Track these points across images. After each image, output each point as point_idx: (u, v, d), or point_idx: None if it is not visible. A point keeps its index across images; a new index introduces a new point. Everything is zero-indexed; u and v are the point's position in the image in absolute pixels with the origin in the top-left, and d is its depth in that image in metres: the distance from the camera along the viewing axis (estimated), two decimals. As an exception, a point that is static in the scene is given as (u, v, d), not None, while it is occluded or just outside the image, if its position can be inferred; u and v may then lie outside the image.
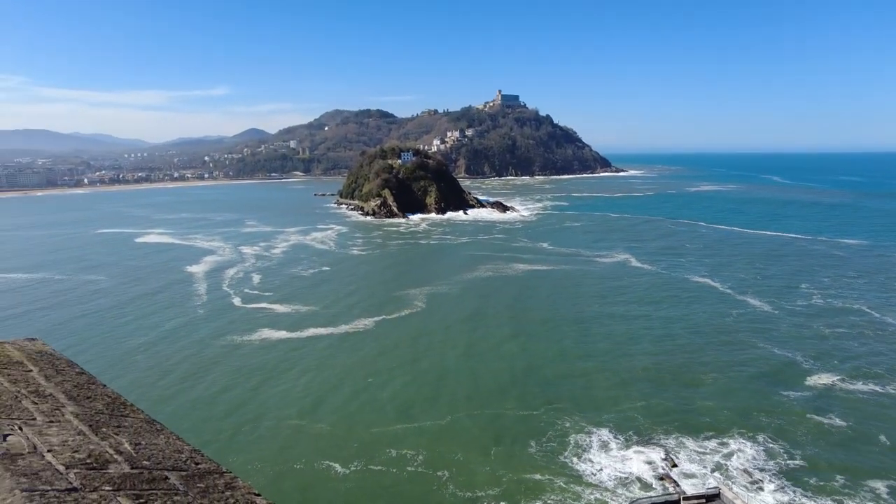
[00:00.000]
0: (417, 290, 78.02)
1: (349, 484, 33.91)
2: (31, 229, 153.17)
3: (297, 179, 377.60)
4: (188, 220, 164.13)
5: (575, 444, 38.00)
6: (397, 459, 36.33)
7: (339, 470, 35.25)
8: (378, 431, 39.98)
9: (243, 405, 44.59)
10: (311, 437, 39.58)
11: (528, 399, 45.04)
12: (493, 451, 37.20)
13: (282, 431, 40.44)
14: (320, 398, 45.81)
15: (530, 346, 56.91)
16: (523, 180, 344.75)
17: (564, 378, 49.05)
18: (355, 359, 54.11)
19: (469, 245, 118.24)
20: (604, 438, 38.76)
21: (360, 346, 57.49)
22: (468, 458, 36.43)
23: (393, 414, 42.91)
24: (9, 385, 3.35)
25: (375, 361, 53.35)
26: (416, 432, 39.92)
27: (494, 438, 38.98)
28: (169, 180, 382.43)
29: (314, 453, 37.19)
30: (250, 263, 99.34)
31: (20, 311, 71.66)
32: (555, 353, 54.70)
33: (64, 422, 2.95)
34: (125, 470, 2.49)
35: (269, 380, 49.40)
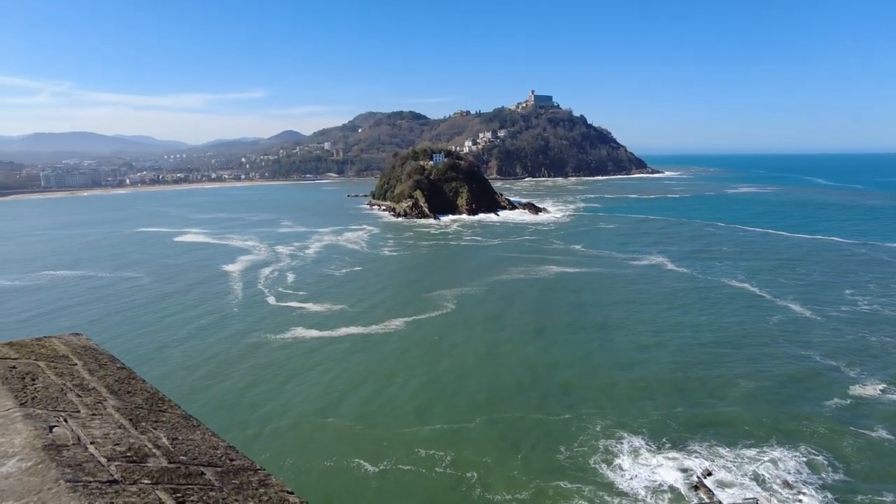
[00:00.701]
0: (447, 291, 78.09)
1: (379, 482, 34.14)
2: (74, 228, 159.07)
3: (331, 181, 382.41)
4: (225, 220, 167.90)
5: (604, 450, 37.34)
6: (426, 460, 36.39)
7: (368, 468, 35.51)
8: (407, 431, 40.11)
9: (274, 401, 45.32)
10: (341, 434, 39.96)
11: (558, 403, 44.49)
12: (521, 455, 36.89)
13: (312, 428, 40.95)
14: (350, 397, 46.20)
15: (561, 349, 56.27)
16: (556, 181, 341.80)
17: (595, 382, 48.30)
18: (385, 358, 54.44)
19: (500, 247, 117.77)
20: (634, 444, 37.96)
21: (390, 346, 57.81)
22: (496, 461, 36.22)
23: (422, 414, 42.98)
24: (55, 378, 3.43)
25: (405, 362, 53.58)
26: (444, 433, 39.90)
27: (523, 442, 38.63)
28: (206, 181, 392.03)
29: (344, 451, 37.54)
30: (285, 263, 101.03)
31: (62, 305, 74.49)
32: (586, 357, 53.94)
33: (106, 415, 3.02)
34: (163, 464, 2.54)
35: (300, 377, 50.07)
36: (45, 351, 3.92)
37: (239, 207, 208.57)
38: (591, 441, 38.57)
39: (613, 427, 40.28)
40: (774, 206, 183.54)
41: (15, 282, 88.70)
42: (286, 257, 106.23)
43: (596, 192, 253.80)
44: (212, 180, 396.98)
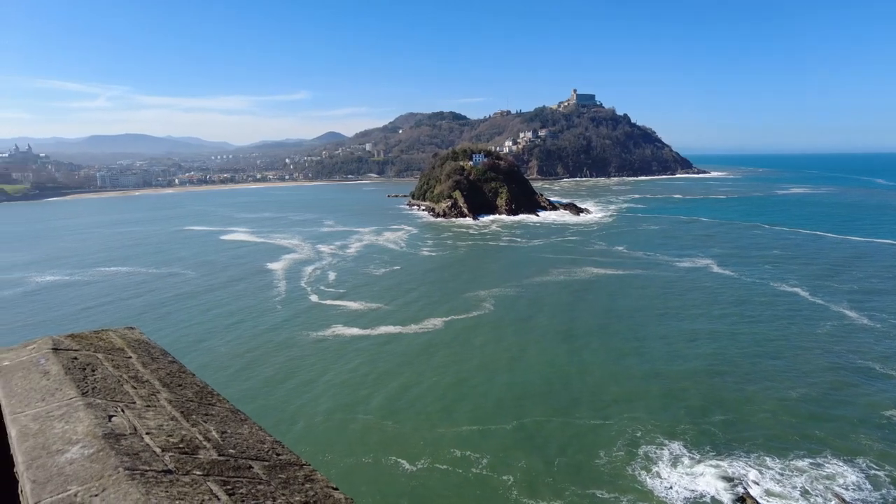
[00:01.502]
0: (486, 292, 77.90)
1: (416, 480, 34.35)
2: (125, 226, 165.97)
3: (371, 181, 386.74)
4: (269, 220, 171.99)
5: (644, 457, 36.47)
6: (462, 460, 36.39)
7: (406, 466, 35.77)
8: (444, 431, 40.19)
9: (314, 398, 46.14)
10: (379, 432, 40.37)
11: (597, 407, 43.74)
12: (558, 460, 36.41)
13: (351, 425, 41.51)
14: (388, 395, 46.61)
15: (599, 352, 55.32)
16: (598, 181, 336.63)
17: (636, 387, 47.26)
18: (423, 358, 54.72)
19: (540, 247, 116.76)
20: (676, 452, 36.92)
21: (429, 346, 58.06)
22: (533, 465, 35.87)
23: (459, 415, 42.97)
24: (113, 370, 3.58)
25: (442, 361, 53.72)
26: (481, 435, 39.78)
27: (561, 446, 38.13)
28: (252, 181, 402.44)
29: (382, 448, 37.93)
30: (326, 261, 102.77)
31: (112, 299, 78.13)
32: (625, 361, 52.87)
33: (159, 407, 3.14)
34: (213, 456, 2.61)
35: (340, 374, 50.82)
36: (103, 343, 4.07)
37: (283, 207, 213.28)
38: (630, 447, 37.77)
39: (654, 433, 39.37)
40: (827, 208, 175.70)
41: (70, 277, 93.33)
42: (328, 256, 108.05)
43: (639, 193, 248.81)
44: (257, 181, 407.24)
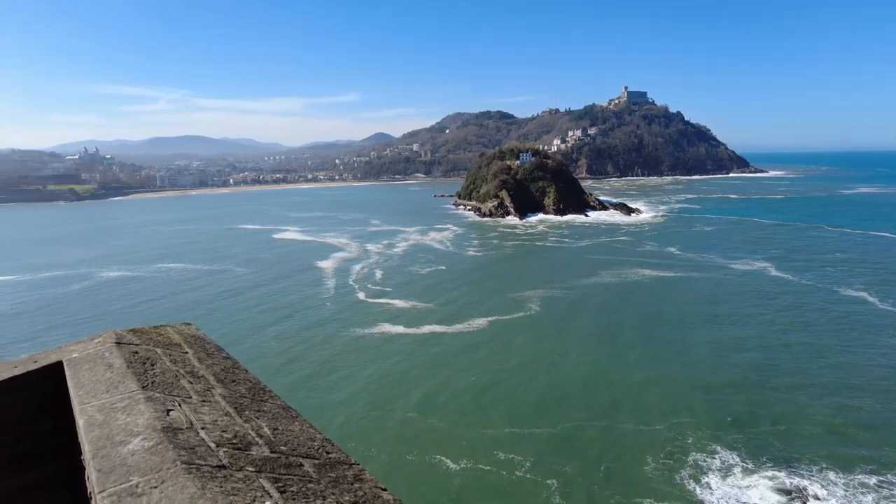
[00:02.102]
0: (532, 293, 77.18)
1: (460, 480, 34.35)
2: (182, 224, 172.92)
3: (418, 181, 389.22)
4: (319, 219, 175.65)
5: (693, 465, 35.22)
6: (505, 463, 36.14)
7: (450, 465, 35.83)
8: (488, 433, 40.00)
9: (359, 394, 46.79)
10: (423, 430, 40.58)
11: (645, 412, 42.63)
12: (604, 466, 35.63)
13: (396, 423, 41.90)
14: (432, 394, 46.83)
15: (654, 356, 53.88)
16: (650, 181, 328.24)
17: (688, 392, 45.82)
18: (467, 358, 54.69)
19: (589, 248, 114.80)
20: (728, 461, 35.48)
21: (473, 346, 57.98)
22: (578, 470, 35.23)
23: (503, 416, 42.71)
24: (171, 365, 3.69)
25: (487, 362, 53.53)
26: (525, 437, 39.41)
27: (607, 452, 37.34)
28: (303, 181, 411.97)
29: (426, 447, 38.10)
30: (373, 260, 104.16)
31: (166, 293, 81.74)
32: (679, 365, 51.34)
33: (213, 402, 3.21)
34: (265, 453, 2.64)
35: (385, 372, 51.38)
36: (162, 338, 4.20)
37: (332, 207, 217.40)
38: (678, 454, 36.60)
39: (703, 440, 38.06)
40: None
41: (130, 272, 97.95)
42: (375, 255, 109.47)
43: (693, 193, 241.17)
44: (308, 181, 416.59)
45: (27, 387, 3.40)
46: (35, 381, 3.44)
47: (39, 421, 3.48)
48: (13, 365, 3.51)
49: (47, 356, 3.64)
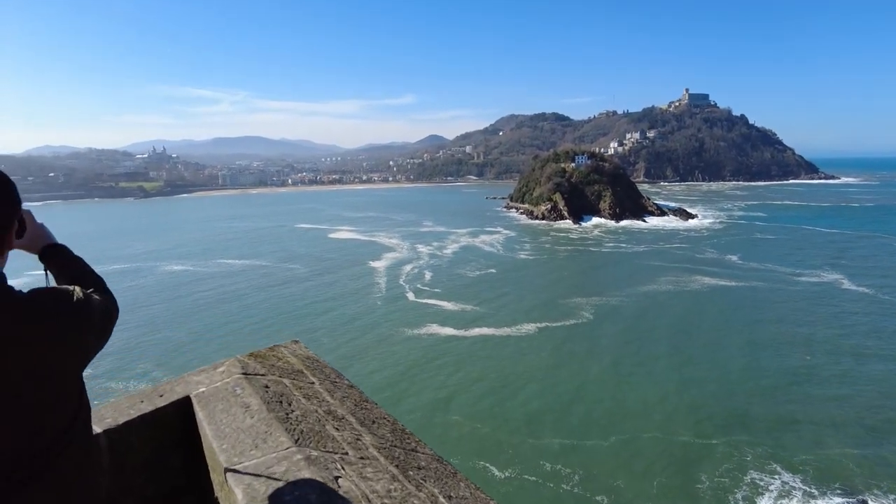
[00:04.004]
0: (585, 300, 75.05)
1: (505, 488, 33.37)
2: (243, 221, 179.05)
3: (470, 183, 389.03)
4: (372, 219, 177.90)
5: (751, 484, 32.84)
6: (552, 475, 34.84)
7: (495, 473, 34.90)
8: (533, 442, 38.76)
9: (404, 394, 46.50)
10: (467, 435, 39.78)
11: (701, 426, 40.29)
12: (657, 481, 33.76)
13: (440, 425, 41.29)
14: (479, 399, 45.92)
15: (714, 368, 51.14)
16: (711, 186, 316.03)
17: (746, 407, 43.06)
18: (516, 364, 53.52)
19: (646, 254, 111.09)
20: (789, 483, 32.82)
21: (522, 352, 56.75)
22: (629, 485, 33.51)
23: (550, 425, 41.35)
24: (307, 402, 3.26)
25: (536, 369, 52.20)
26: (574, 449, 37.94)
27: (659, 466, 35.42)
28: (358, 182, 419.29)
29: (470, 452, 37.25)
30: (424, 261, 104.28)
31: (232, 290, 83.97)
32: (743, 379, 48.46)
33: (371, 458, 2.76)
34: None
35: (431, 373, 50.90)
36: (282, 364, 3.89)
37: (385, 208, 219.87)
38: (737, 472, 34.32)
39: (763, 458, 35.54)
40: None
41: (191, 266, 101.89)
42: (425, 256, 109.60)
43: (757, 199, 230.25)
44: (362, 182, 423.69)
45: (156, 424, 3.17)
46: (163, 418, 3.21)
47: (168, 459, 3.25)
48: (139, 399, 3.30)
49: (172, 389, 3.43)
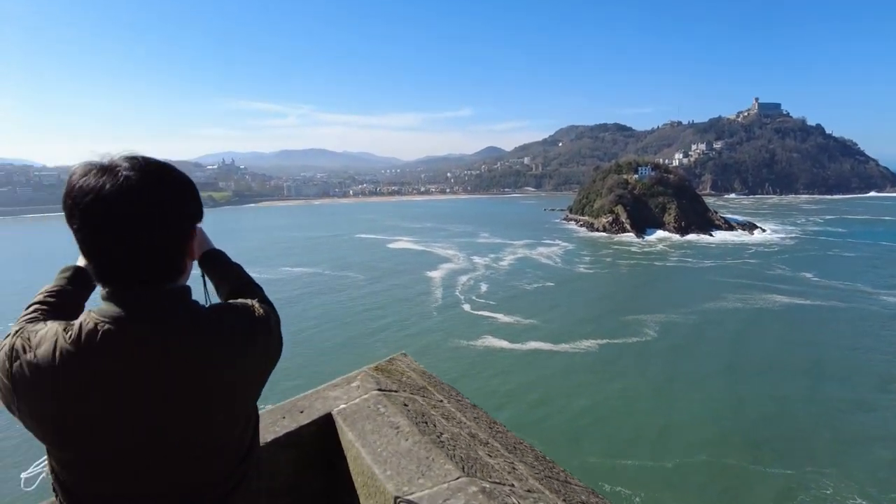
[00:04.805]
0: (648, 317, 72.16)
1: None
2: (307, 230, 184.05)
3: (528, 195, 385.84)
4: (430, 230, 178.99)
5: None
6: (611, 496, 33.11)
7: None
8: (594, 461, 37.17)
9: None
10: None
11: (780, 455, 37.43)
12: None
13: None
14: (536, 414, 44.73)
15: (788, 393, 47.79)
16: (783, 199, 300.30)
17: (836, 438, 39.77)
18: (571, 379, 51.83)
19: (713, 270, 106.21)
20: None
21: (581, 368, 54.95)
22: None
23: (610, 445, 39.60)
24: (447, 423, 3.04)
25: (596, 387, 50.29)
26: (635, 470, 36.15)
27: (726, 493, 33.23)
28: (416, 194, 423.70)
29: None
30: (480, 272, 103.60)
31: (296, 295, 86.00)
32: (821, 407, 44.99)
33: (537, 491, 2.64)
34: None
35: (483, 384, 49.93)
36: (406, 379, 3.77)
37: (443, 219, 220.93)
38: (791, 502, 31.87)
39: (853, 494, 32.59)
40: None
41: (257, 273, 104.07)
42: (481, 267, 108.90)
43: (835, 213, 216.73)
44: (420, 193, 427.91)
45: (300, 443, 3.05)
46: (306, 436, 3.08)
47: (310, 482, 3.11)
48: (280, 414, 3.17)
49: (311, 405, 3.30)
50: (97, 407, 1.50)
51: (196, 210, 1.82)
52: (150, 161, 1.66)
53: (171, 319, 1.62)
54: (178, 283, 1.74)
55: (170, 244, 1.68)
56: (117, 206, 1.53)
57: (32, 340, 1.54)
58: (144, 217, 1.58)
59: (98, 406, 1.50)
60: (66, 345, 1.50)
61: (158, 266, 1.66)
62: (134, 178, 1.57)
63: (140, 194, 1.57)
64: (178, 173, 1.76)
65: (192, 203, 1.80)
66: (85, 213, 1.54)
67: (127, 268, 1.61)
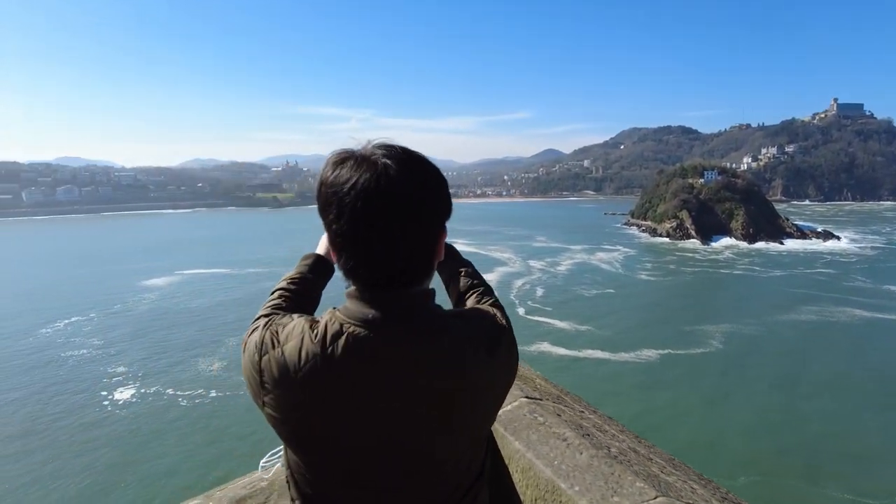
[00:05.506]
0: (713, 327, 69.13)
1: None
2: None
3: (587, 198, 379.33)
4: (485, 233, 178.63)
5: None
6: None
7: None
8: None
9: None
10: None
11: (842, 478, 34.67)
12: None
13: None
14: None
15: (856, 412, 44.48)
16: (863, 206, 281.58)
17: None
18: (624, 388, 50.09)
19: (784, 279, 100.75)
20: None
21: (633, 376, 53.15)
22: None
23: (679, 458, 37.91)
24: (603, 436, 2.94)
25: (658, 399, 48.46)
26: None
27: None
28: (472, 196, 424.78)
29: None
30: (536, 276, 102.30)
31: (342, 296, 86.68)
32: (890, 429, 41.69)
33: None
34: None
35: (545, 397, 49.07)
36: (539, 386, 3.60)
37: (499, 221, 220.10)
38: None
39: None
40: None
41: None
42: (537, 271, 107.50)
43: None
44: (477, 196, 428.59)
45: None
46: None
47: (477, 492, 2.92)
48: None
49: None
50: (339, 413, 1.44)
51: (449, 206, 1.65)
52: (408, 151, 1.55)
53: (419, 325, 1.50)
54: (425, 283, 1.62)
55: (426, 240, 1.55)
56: (377, 198, 1.42)
57: (280, 335, 1.52)
58: (403, 210, 1.45)
59: (340, 412, 1.44)
60: (311, 345, 1.45)
61: (412, 264, 1.53)
62: (393, 169, 1.45)
63: (400, 186, 1.45)
64: (434, 166, 1.63)
65: (447, 199, 1.64)
66: (342, 204, 1.45)
67: (382, 263, 1.49)
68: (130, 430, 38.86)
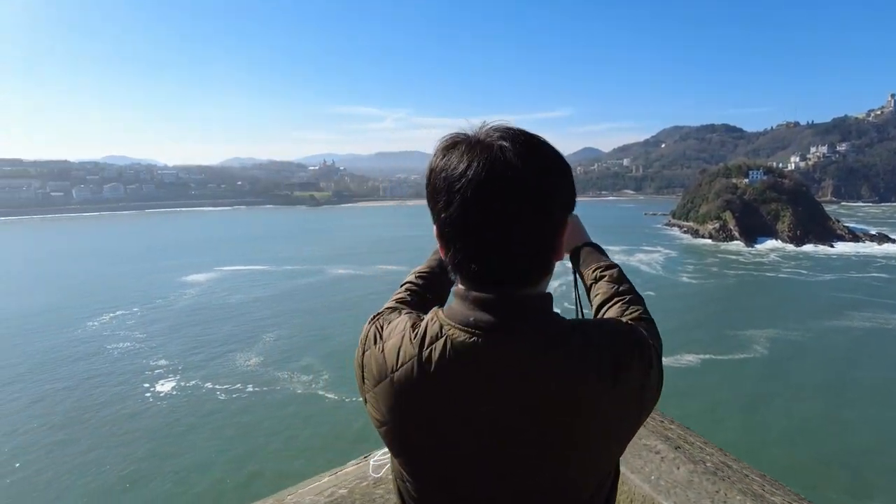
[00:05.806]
0: (757, 332, 66.51)
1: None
2: (398, 230, 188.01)
3: (627, 198, 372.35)
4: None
5: None
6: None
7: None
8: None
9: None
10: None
11: (886, 491, 32.70)
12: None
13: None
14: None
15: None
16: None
17: None
18: (672, 397, 48.51)
19: (833, 284, 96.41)
20: None
21: (682, 384, 51.42)
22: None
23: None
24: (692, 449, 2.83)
25: (699, 405, 46.82)
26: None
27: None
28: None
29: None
30: (572, 279, 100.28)
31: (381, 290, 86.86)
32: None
33: None
34: None
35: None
36: None
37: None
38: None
39: None
40: None
41: (353, 270, 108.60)
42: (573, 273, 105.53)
43: None
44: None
45: None
46: None
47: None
48: None
49: None
50: (435, 421, 1.30)
51: (572, 197, 1.47)
52: (527, 134, 1.38)
53: (530, 334, 1.29)
54: (540, 286, 1.43)
55: (543, 232, 1.36)
56: (490, 183, 1.27)
57: (384, 331, 1.43)
58: (520, 196, 1.29)
59: (436, 420, 1.30)
60: (409, 346, 1.32)
61: (527, 259, 1.35)
62: (511, 152, 1.29)
63: (517, 170, 1.28)
64: (557, 151, 1.47)
65: (571, 188, 1.46)
66: (452, 190, 1.31)
67: (493, 256, 1.32)
68: (168, 423, 39.80)
